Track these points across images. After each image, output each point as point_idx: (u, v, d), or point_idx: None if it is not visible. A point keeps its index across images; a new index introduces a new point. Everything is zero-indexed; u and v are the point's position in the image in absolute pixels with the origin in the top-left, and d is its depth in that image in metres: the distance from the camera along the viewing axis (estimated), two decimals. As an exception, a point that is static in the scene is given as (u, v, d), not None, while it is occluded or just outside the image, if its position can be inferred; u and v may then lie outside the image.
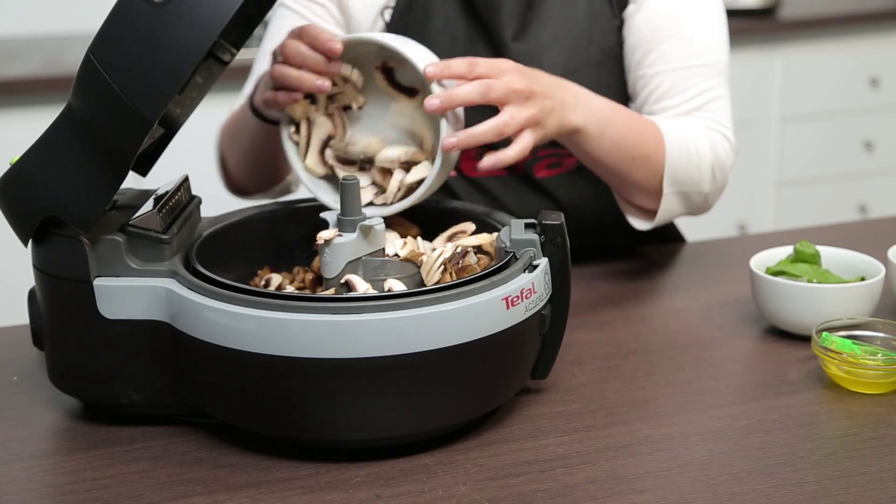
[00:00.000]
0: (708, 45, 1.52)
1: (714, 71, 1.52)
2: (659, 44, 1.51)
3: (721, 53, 1.53)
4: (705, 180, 1.48)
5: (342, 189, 1.17)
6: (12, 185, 1.10)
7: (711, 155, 1.48)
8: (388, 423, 1.06)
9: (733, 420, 1.15)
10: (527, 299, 1.10)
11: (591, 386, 1.23)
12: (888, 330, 1.25)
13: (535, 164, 1.54)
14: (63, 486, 1.06)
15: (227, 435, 1.12)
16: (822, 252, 1.38)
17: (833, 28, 3.22)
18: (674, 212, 1.48)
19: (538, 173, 1.55)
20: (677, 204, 1.47)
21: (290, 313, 1.03)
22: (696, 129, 1.48)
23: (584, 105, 1.33)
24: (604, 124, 1.35)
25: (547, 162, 1.55)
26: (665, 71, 1.51)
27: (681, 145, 1.44)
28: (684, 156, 1.44)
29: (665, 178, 1.43)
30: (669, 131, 1.44)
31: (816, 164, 3.32)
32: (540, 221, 1.15)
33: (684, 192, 1.46)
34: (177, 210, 1.18)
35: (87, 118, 1.04)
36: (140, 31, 1.01)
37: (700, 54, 1.51)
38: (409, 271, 1.17)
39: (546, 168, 1.54)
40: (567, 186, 1.56)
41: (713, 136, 1.49)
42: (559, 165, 1.55)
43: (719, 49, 1.53)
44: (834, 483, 1.04)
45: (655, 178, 1.43)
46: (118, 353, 1.11)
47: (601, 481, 1.05)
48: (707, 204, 1.52)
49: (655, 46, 1.51)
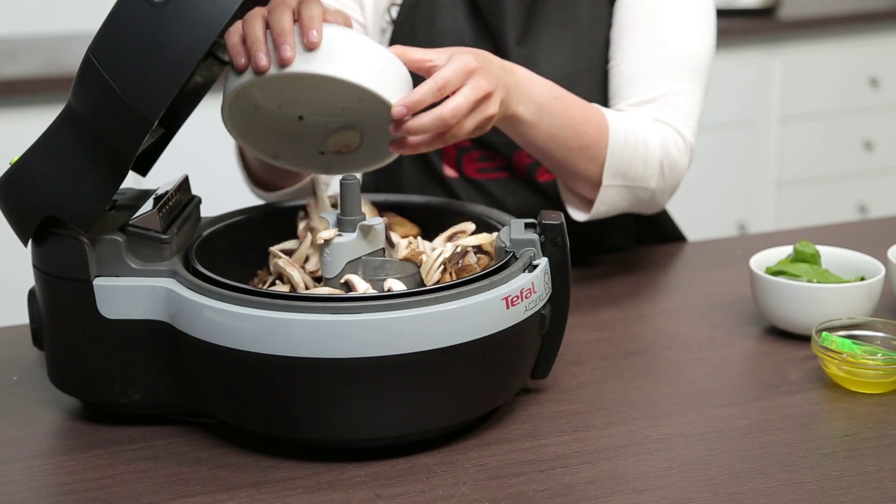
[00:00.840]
0: (681, 38, 1.47)
1: (683, 65, 1.47)
2: (627, 33, 1.48)
3: (696, 48, 1.48)
4: (652, 176, 1.42)
5: (342, 189, 1.17)
6: (12, 185, 1.10)
7: (661, 150, 1.43)
8: (387, 423, 1.06)
9: (733, 420, 1.15)
10: (527, 299, 1.10)
11: (590, 386, 1.23)
12: (888, 330, 1.25)
13: (537, 167, 1.54)
14: (63, 486, 1.06)
15: (227, 435, 1.13)
16: (821, 252, 1.38)
17: (833, 28, 3.22)
18: (617, 206, 1.43)
19: (540, 177, 1.55)
20: (620, 198, 1.42)
21: (290, 313, 1.03)
22: (646, 122, 1.43)
23: (525, 90, 1.29)
24: (542, 111, 1.31)
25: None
26: (628, 60, 1.48)
27: (626, 138, 1.39)
28: (629, 148, 1.40)
29: (606, 169, 1.39)
30: (616, 123, 1.39)
31: (816, 164, 3.32)
32: (540, 221, 1.15)
33: (628, 186, 1.42)
34: (177, 210, 1.18)
35: (87, 118, 1.04)
36: (140, 31, 1.01)
37: (668, 46, 1.47)
38: (408, 271, 1.17)
39: (548, 172, 1.53)
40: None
41: (664, 131, 1.44)
42: None
43: (694, 44, 1.48)
44: (834, 483, 1.04)
45: (596, 168, 1.39)
46: (118, 353, 1.11)
47: (601, 481, 1.05)
48: (656, 201, 1.47)
49: (624, 35, 1.49)
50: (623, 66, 1.48)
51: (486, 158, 1.54)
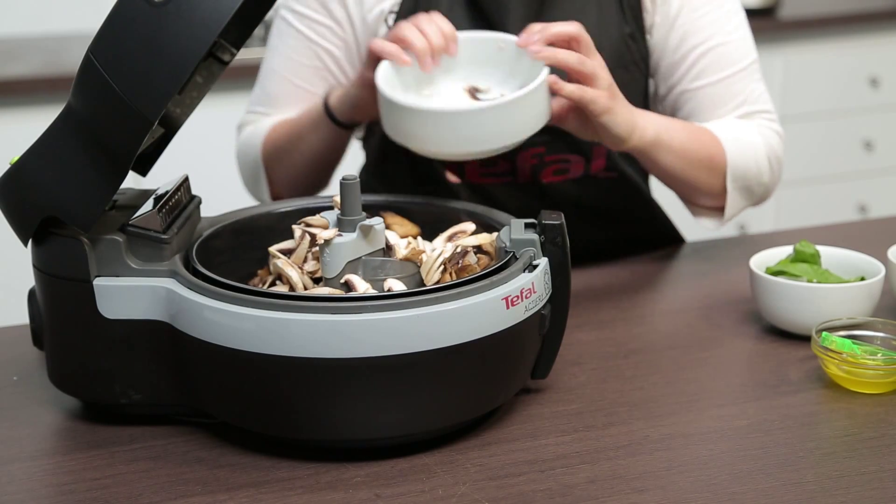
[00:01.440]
0: (740, 49, 1.56)
1: (749, 70, 1.57)
2: (696, 60, 1.55)
3: (751, 49, 1.58)
4: (764, 171, 1.55)
5: (342, 189, 1.17)
6: (12, 185, 1.10)
7: (765, 146, 1.55)
8: (388, 423, 1.06)
9: (733, 420, 1.15)
10: (527, 299, 1.10)
11: (590, 386, 1.23)
12: (888, 330, 1.25)
13: (542, 169, 1.55)
14: (63, 486, 1.06)
15: (227, 435, 1.13)
16: (821, 252, 1.38)
17: (833, 28, 3.22)
18: (741, 207, 1.56)
19: (545, 178, 1.56)
20: (743, 199, 1.55)
21: (290, 313, 1.03)
22: (739, 123, 1.55)
23: (646, 117, 1.41)
24: (668, 131, 1.43)
25: (554, 168, 1.55)
26: (707, 86, 1.55)
27: (735, 141, 1.51)
28: (741, 151, 1.51)
29: (728, 175, 1.51)
30: (720, 131, 1.51)
31: (816, 164, 3.32)
32: (540, 221, 1.15)
33: (748, 188, 1.54)
34: (177, 210, 1.18)
35: (87, 118, 1.04)
36: (140, 31, 1.01)
37: (736, 63, 1.56)
38: (408, 271, 1.17)
39: (552, 174, 1.55)
40: (572, 192, 1.57)
41: (759, 128, 1.57)
42: (566, 172, 1.56)
43: (749, 47, 1.58)
44: (834, 483, 1.04)
45: (720, 178, 1.51)
46: (118, 353, 1.11)
47: (601, 481, 1.05)
48: (768, 193, 1.59)
49: (693, 63, 1.55)
50: (702, 93, 1.56)
51: (488, 163, 1.54)
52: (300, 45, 1.57)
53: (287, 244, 1.23)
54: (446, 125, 1.29)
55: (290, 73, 1.58)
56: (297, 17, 1.58)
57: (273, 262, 1.20)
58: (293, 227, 1.21)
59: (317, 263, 1.18)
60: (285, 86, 1.59)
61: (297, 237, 1.19)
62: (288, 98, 1.59)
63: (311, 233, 1.17)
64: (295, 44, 1.58)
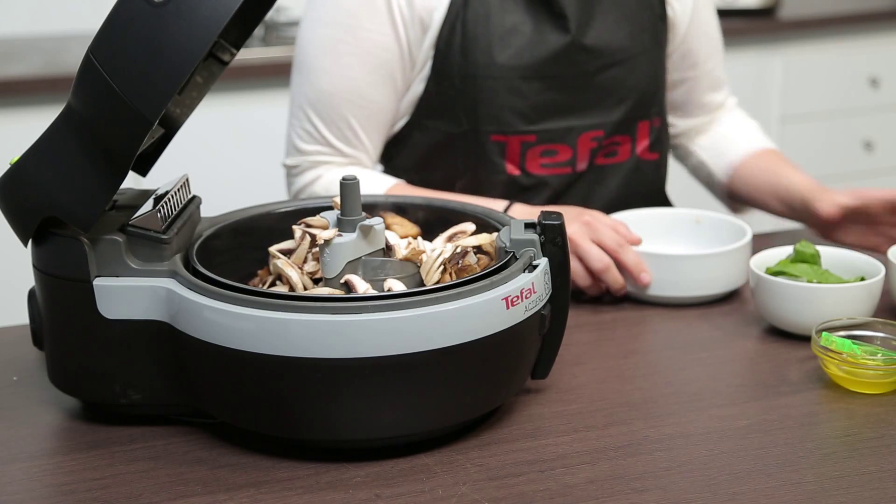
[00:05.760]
0: (719, 35, 1.75)
1: (721, 56, 1.76)
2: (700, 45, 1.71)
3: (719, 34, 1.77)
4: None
5: (342, 189, 1.17)
6: (12, 185, 1.10)
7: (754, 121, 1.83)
8: (388, 423, 1.06)
9: (733, 420, 1.15)
10: (527, 299, 1.10)
11: (590, 386, 1.23)
12: (888, 330, 1.25)
13: (598, 151, 1.62)
14: (63, 486, 1.06)
15: (227, 435, 1.13)
16: (822, 252, 1.38)
17: (833, 28, 3.22)
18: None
19: (597, 160, 1.63)
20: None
21: (290, 313, 1.03)
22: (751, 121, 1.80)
23: (805, 189, 1.61)
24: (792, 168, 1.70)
25: (606, 150, 1.63)
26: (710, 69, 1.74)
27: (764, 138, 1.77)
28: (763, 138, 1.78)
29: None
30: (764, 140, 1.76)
31: (816, 165, 3.31)
32: (540, 221, 1.15)
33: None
34: (177, 210, 1.18)
35: (87, 118, 1.04)
36: (140, 31, 1.01)
37: (718, 48, 1.75)
38: (408, 271, 1.17)
39: (603, 156, 1.63)
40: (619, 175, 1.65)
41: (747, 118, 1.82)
42: (615, 154, 1.64)
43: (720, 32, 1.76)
44: (834, 483, 1.04)
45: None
46: (118, 353, 1.11)
47: (601, 481, 1.05)
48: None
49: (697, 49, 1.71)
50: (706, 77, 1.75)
51: (549, 153, 1.59)
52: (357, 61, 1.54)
53: (287, 244, 1.23)
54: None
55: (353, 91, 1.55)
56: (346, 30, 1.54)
57: (273, 262, 1.20)
58: (293, 228, 1.21)
59: (317, 264, 1.18)
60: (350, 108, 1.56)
61: (298, 237, 1.19)
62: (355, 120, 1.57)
63: (311, 233, 1.17)
64: (349, 61, 1.54)
